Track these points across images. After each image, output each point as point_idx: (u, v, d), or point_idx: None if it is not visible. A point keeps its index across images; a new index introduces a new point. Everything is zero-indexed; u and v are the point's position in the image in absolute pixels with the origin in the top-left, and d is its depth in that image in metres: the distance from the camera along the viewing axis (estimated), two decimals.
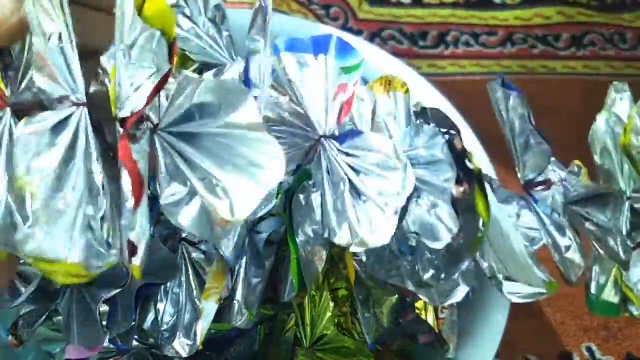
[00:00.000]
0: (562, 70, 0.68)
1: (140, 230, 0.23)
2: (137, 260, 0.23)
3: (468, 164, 0.29)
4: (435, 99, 0.46)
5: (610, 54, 0.69)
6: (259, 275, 0.35)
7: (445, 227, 0.28)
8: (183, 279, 0.36)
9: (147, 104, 0.24)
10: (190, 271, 0.36)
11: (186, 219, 0.24)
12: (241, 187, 0.23)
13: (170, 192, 0.24)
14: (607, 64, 0.68)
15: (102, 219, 0.24)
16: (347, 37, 0.39)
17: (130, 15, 0.23)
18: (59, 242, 0.23)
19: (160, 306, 0.36)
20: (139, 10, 0.23)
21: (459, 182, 0.28)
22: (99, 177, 0.24)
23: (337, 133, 0.30)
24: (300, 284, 0.33)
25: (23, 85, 0.25)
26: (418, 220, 0.29)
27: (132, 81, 0.24)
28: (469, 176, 0.29)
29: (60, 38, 0.24)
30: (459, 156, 0.29)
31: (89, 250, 0.23)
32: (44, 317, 0.35)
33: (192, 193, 0.24)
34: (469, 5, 0.72)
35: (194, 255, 0.36)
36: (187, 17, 0.40)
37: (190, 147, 0.24)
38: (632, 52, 0.69)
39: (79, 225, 0.23)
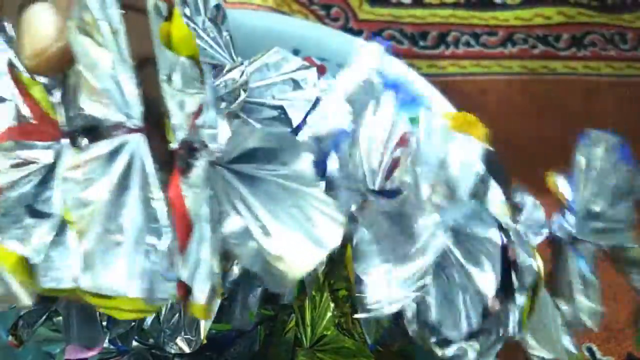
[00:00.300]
0: (563, 70, 0.68)
1: (199, 269, 0.22)
2: (196, 299, 0.22)
3: (515, 278, 0.27)
4: (436, 99, 0.46)
5: (611, 54, 0.69)
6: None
7: (466, 319, 0.26)
8: None
9: (192, 129, 0.23)
10: None
11: (245, 254, 0.23)
12: (297, 243, 0.22)
13: (231, 224, 0.23)
14: (607, 64, 0.68)
15: (168, 247, 0.22)
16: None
17: (161, 46, 0.22)
18: (117, 275, 0.21)
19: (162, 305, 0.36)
20: (167, 39, 0.22)
21: (497, 295, 0.26)
22: (160, 204, 0.22)
23: (385, 186, 0.27)
24: (300, 288, 0.33)
25: (77, 112, 0.23)
26: (440, 296, 0.26)
27: (182, 109, 0.23)
28: (508, 291, 0.27)
29: (112, 63, 0.22)
30: (508, 266, 0.27)
31: (150, 282, 0.22)
32: (44, 317, 0.35)
33: (250, 233, 0.23)
34: (469, 5, 0.72)
35: None
36: (187, 17, 0.40)
37: (248, 188, 0.23)
38: (632, 52, 0.69)
39: (138, 256, 0.22)
